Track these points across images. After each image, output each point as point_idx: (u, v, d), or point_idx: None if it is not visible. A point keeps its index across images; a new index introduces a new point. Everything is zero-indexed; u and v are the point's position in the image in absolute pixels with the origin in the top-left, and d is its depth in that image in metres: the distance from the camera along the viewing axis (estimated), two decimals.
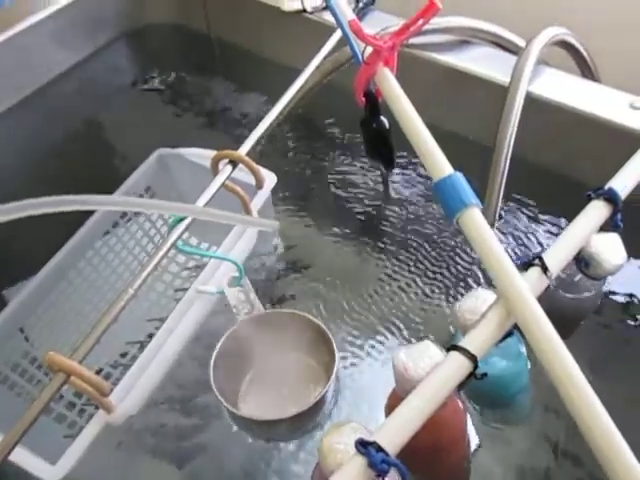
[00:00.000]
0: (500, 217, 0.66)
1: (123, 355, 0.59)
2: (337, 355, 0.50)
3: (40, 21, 0.79)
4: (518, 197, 0.68)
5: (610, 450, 0.31)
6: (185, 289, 0.63)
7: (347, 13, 0.51)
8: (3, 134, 0.79)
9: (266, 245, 0.65)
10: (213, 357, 0.51)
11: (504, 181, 0.58)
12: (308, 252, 0.67)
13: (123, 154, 0.79)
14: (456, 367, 0.35)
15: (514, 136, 0.59)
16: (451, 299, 0.61)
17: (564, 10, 0.77)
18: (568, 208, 0.46)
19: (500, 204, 0.58)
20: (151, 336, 0.58)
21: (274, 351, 0.55)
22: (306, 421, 0.50)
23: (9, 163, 0.78)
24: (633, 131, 0.61)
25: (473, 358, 0.35)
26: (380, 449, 0.31)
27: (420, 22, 0.46)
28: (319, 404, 0.49)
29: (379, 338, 0.59)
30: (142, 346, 0.59)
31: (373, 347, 0.58)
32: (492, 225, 0.53)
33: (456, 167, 0.41)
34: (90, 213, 0.58)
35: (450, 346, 0.36)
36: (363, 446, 0.31)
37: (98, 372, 0.57)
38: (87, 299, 0.60)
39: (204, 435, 0.53)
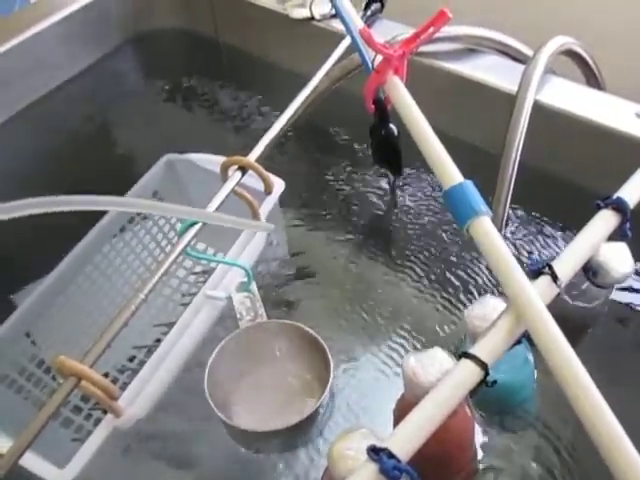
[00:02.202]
0: (507, 225, 0.66)
1: (130, 359, 0.60)
2: (332, 368, 0.50)
3: (49, 26, 0.80)
4: (524, 205, 0.68)
5: (619, 453, 0.32)
6: (192, 294, 0.64)
7: (357, 21, 0.51)
8: (12, 137, 0.79)
9: (273, 252, 0.65)
10: (208, 366, 0.50)
11: (512, 189, 0.58)
12: (314, 258, 0.67)
13: (131, 159, 0.80)
14: (467, 374, 0.35)
15: (522, 144, 0.59)
16: (458, 307, 0.61)
17: (570, 20, 0.78)
18: (574, 216, 0.46)
19: (508, 212, 0.59)
20: (158, 341, 0.58)
21: (269, 361, 0.55)
22: (299, 433, 0.50)
23: (17, 166, 0.78)
24: (639, 140, 0.62)
25: (484, 365, 0.35)
26: (392, 456, 0.31)
27: (430, 31, 0.46)
28: (312, 417, 0.49)
29: (383, 347, 0.59)
30: (149, 351, 0.59)
31: (376, 356, 0.58)
32: (500, 233, 0.54)
33: (463, 174, 0.42)
34: (98, 218, 0.59)
35: (461, 353, 0.36)
36: (375, 452, 0.31)
37: (105, 376, 0.57)
38: (95, 303, 0.60)
39: (211, 440, 0.53)
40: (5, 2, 0.95)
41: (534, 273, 0.40)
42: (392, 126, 0.58)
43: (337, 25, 0.77)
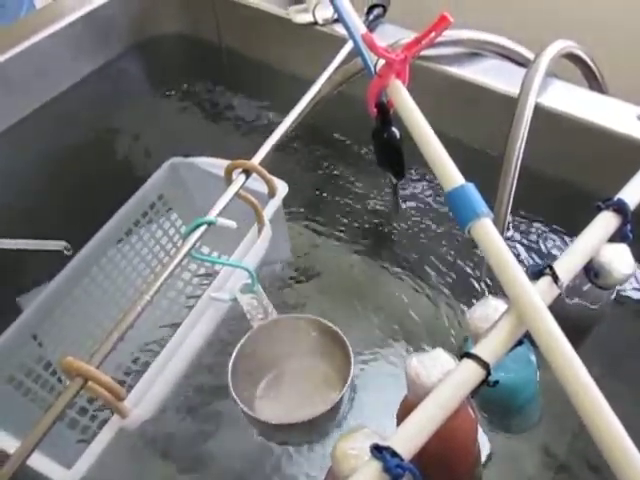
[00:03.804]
0: (509, 227, 0.66)
1: (135, 361, 0.60)
2: (352, 360, 0.51)
3: (55, 32, 0.81)
4: (526, 207, 0.69)
5: (618, 449, 0.32)
6: (196, 296, 0.64)
7: (359, 26, 0.52)
8: (20, 142, 0.79)
9: (276, 254, 0.65)
10: (231, 361, 0.51)
11: (513, 191, 0.59)
12: (318, 260, 0.68)
13: (136, 163, 0.80)
14: (469, 374, 0.35)
15: (523, 147, 0.59)
16: (461, 308, 0.61)
17: (571, 23, 0.78)
18: (575, 218, 0.47)
19: (509, 214, 0.59)
20: (163, 343, 0.59)
21: (290, 356, 0.56)
22: (321, 425, 0.51)
23: (25, 169, 0.79)
24: None
25: (485, 365, 0.35)
26: (395, 454, 0.32)
27: (432, 35, 0.47)
28: (335, 408, 0.50)
29: (388, 346, 0.59)
30: (154, 352, 0.60)
31: (383, 355, 0.59)
32: (501, 235, 0.54)
33: (465, 177, 0.42)
34: (104, 221, 0.59)
35: (463, 353, 0.36)
36: (378, 451, 0.32)
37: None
38: (100, 306, 0.60)
39: (217, 441, 0.54)
40: (11, 13, 0.96)
41: (535, 274, 0.40)
42: (394, 129, 0.58)
43: (340, 30, 0.77)
